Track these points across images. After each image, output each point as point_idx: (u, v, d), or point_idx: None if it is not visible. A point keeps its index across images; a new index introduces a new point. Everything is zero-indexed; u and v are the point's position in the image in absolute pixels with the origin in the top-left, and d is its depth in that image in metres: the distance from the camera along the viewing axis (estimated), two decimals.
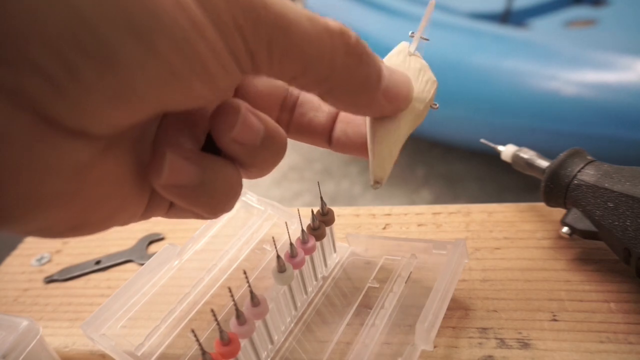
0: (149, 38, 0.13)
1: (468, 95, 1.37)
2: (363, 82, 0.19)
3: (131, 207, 0.19)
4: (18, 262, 0.40)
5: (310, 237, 0.28)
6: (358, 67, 0.19)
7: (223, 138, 0.19)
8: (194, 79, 0.15)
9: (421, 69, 0.23)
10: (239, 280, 0.31)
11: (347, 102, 0.20)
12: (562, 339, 0.25)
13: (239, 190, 0.21)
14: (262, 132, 0.19)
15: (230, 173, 0.20)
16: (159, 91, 0.14)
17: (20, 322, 0.27)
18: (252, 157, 0.20)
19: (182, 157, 0.18)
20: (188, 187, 0.18)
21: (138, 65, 0.13)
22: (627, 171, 0.28)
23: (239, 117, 0.19)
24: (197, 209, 0.20)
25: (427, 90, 0.23)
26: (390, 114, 0.22)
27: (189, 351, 0.28)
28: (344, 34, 0.18)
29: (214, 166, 0.19)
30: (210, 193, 0.19)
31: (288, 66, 0.17)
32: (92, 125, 0.14)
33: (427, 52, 0.24)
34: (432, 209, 0.37)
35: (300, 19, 0.17)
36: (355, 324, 0.28)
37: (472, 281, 0.30)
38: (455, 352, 0.26)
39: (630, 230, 0.26)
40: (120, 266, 0.38)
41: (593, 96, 1.22)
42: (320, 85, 0.19)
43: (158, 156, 0.18)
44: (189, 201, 0.19)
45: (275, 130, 0.20)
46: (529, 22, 1.66)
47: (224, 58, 0.15)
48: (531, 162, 0.33)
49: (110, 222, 0.18)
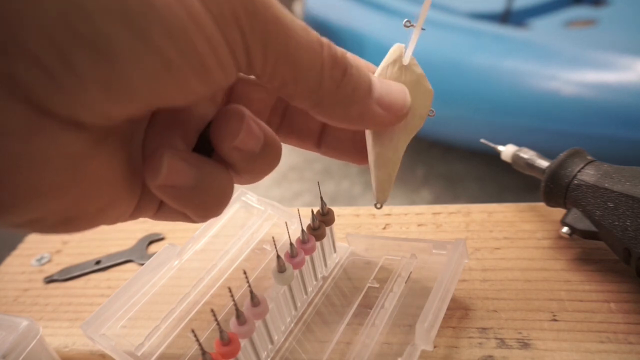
0: (144, 29, 0.13)
1: (468, 95, 1.37)
2: (351, 94, 0.19)
3: (121, 205, 0.19)
4: (18, 262, 0.40)
5: (310, 237, 0.28)
6: (343, 78, 0.19)
7: (224, 145, 0.19)
8: (189, 72, 0.15)
9: (417, 81, 0.23)
10: (239, 280, 0.31)
11: (338, 115, 0.20)
12: (562, 339, 0.25)
13: (230, 195, 0.21)
14: (262, 141, 0.19)
15: (223, 177, 0.20)
16: (153, 83, 0.14)
17: (20, 322, 0.27)
18: (248, 164, 0.20)
19: (180, 158, 0.18)
20: (183, 189, 0.18)
21: (133, 56, 0.13)
22: (627, 171, 0.28)
23: (243, 125, 0.19)
24: (188, 211, 0.20)
25: (423, 102, 0.23)
26: (387, 125, 0.22)
27: (189, 351, 0.28)
28: (331, 47, 0.18)
29: (210, 169, 0.19)
30: (204, 195, 0.19)
31: (281, 70, 0.17)
32: (86, 115, 0.14)
33: (427, 52, 0.24)
34: (432, 209, 0.37)
35: (296, 27, 0.17)
36: (355, 324, 0.28)
37: (472, 281, 0.30)
38: (455, 352, 0.26)
39: (630, 230, 0.26)
40: (120, 266, 0.38)
41: (593, 96, 1.22)
42: (310, 97, 0.19)
43: (155, 156, 0.18)
44: (182, 203, 0.19)
45: (272, 139, 0.20)
46: (529, 22, 1.65)
47: (221, 52, 0.15)
48: (531, 162, 0.33)
49: (100, 219, 0.18)
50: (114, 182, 0.18)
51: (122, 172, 0.18)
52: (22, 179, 0.14)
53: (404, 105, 0.22)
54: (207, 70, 0.15)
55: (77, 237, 0.42)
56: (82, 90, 0.13)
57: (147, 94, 0.14)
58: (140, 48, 0.13)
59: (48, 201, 0.15)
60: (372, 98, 0.20)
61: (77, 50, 0.13)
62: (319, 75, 0.18)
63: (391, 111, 0.21)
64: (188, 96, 0.16)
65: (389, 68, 0.23)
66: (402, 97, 0.22)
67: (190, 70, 0.15)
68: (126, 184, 0.18)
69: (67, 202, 0.16)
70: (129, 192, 0.19)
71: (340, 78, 0.19)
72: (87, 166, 0.16)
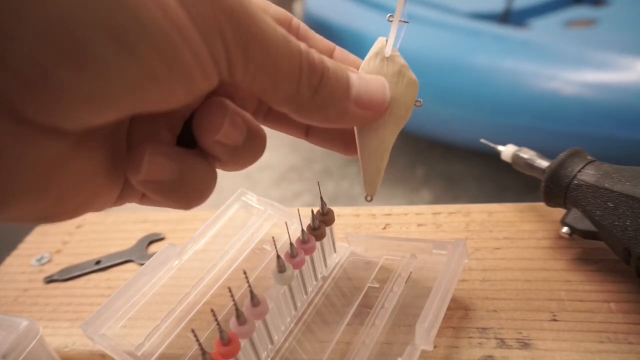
0: (129, 42, 0.13)
1: (468, 95, 1.37)
2: (328, 98, 0.20)
3: (104, 196, 0.19)
4: (18, 262, 0.40)
5: (310, 237, 0.28)
6: (320, 84, 0.19)
7: (206, 138, 0.19)
8: (173, 82, 0.15)
9: (400, 71, 0.23)
10: (239, 280, 0.31)
11: (317, 118, 0.20)
12: (562, 339, 0.25)
13: (213, 185, 0.21)
14: (245, 134, 0.20)
15: (206, 169, 0.20)
16: (137, 94, 0.14)
17: (20, 322, 0.27)
18: (231, 156, 0.20)
19: (161, 153, 0.18)
20: (164, 183, 0.18)
21: (116, 69, 0.13)
22: (627, 171, 0.28)
23: (226, 120, 0.19)
24: (170, 203, 0.20)
25: (407, 93, 0.23)
26: (370, 121, 0.22)
27: (189, 351, 0.28)
28: (309, 55, 0.18)
29: (191, 162, 0.19)
30: (186, 188, 0.19)
31: (259, 79, 0.17)
32: (65, 123, 0.14)
33: (427, 52, 0.24)
34: (432, 209, 0.37)
35: (277, 37, 0.17)
36: (355, 324, 0.28)
37: (472, 281, 0.30)
38: (455, 352, 0.26)
39: (630, 230, 0.26)
40: (120, 266, 0.38)
41: (593, 96, 1.22)
42: (288, 104, 0.19)
43: (136, 152, 0.18)
44: (163, 196, 0.19)
45: (256, 130, 0.20)
46: (529, 22, 1.65)
47: (204, 62, 0.15)
48: (531, 162, 0.33)
49: (83, 210, 0.18)
50: (95, 178, 0.18)
51: (103, 167, 0.18)
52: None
53: (383, 101, 0.22)
54: (191, 80, 0.15)
55: (77, 237, 0.42)
56: (63, 102, 0.13)
57: (130, 103, 0.14)
58: (126, 61, 0.13)
59: (26, 203, 0.15)
60: (350, 99, 0.20)
61: (60, 65, 0.12)
62: (296, 83, 0.18)
63: (370, 109, 0.21)
64: (171, 103, 0.16)
65: (371, 61, 0.23)
66: (380, 92, 0.22)
67: (175, 81, 0.15)
68: (108, 177, 0.19)
69: (46, 203, 0.16)
70: (112, 183, 0.19)
71: (317, 84, 0.19)
72: (66, 168, 0.16)
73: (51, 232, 0.43)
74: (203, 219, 0.40)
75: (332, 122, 0.21)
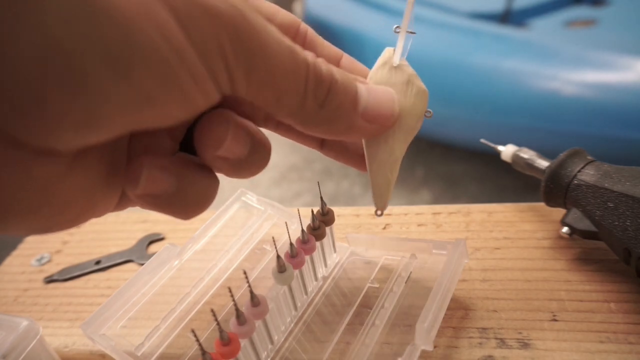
0: (124, 67, 0.13)
1: (468, 95, 1.37)
2: (335, 111, 0.19)
3: (103, 205, 0.19)
4: (18, 262, 0.40)
5: (310, 237, 0.28)
6: (327, 97, 0.19)
7: (207, 153, 0.19)
8: (170, 103, 0.15)
9: (409, 80, 0.23)
10: (239, 280, 0.31)
11: (323, 131, 0.20)
12: (562, 339, 0.25)
13: (213, 196, 0.20)
14: (249, 147, 0.19)
15: (206, 180, 0.19)
16: (132, 116, 0.14)
17: (20, 322, 0.27)
18: (234, 169, 0.20)
19: (159, 167, 0.18)
20: (162, 196, 0.18)
21: (112, 93, 0.13)
22: (627, 171, 0.28)
23: (228, 134, 0.18)
24: (168, 214, 0.19)
25: (417, 103, 0.22)
26: (377, 134, 0.22)
27: (189, 351, 0.28)
28: (317, 67, 0.18)
29: (191, 175, 0.19)
30: (184, 201, 0.19)
31: (263, 94, 0.17)
32: (60, 145, 0.14)
33: (427, 53, 0.24)
34: (432, 209, 0.37)
35: (282, 49, 0.17)
36: (355, 324, 0.28)
37: (472, 281, 0.30)
38: (455, 352, 0.26)
39: (630, 230, 0.26)
40: (120, 266, 0.38)
41: (593, 96, 1.23)
42: (293, 117, 0.18)
43: (134, 167, 0.18)
44: (161, 208, 0.19)
45: (261, 142, 0.20)
46: (529, 22, 1.65)
47: (203, 82, 0.15)
48: (531, 162, 0.33)
49: (84, 219, 0.18)
50: (94, 190, 0.18)
51: (102, 179, 0.18)
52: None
53: (391, 115, 0.21)
54: (189, 100, 0.15)
55: (77, 237, 0.42)
56: (57, 126, 0.13)
57: (126, 124, 0.14)
58: (121, 86, 0.13)
59: (24, 220, 0.15)
60: (357, 113, 0.20)
61: (53, 90, 0.12)
62: (301, 97, 0.18)
63: (377, 122, 0.21)
64: (170, 122, 0.16)
65: (379, 70, 0.23)
66: (389, 106, 0.21)
67: (173, 101, 0.15)
68: (107, 188, 0.18)
69: (44, 218, 0.16)
70: (110, 193, 0.19)
71: (323, 97, 0.18)
72: (63, 185, 0.16)
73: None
74: (203, 219, 0.39)
75: (338, 135, 0.20)
